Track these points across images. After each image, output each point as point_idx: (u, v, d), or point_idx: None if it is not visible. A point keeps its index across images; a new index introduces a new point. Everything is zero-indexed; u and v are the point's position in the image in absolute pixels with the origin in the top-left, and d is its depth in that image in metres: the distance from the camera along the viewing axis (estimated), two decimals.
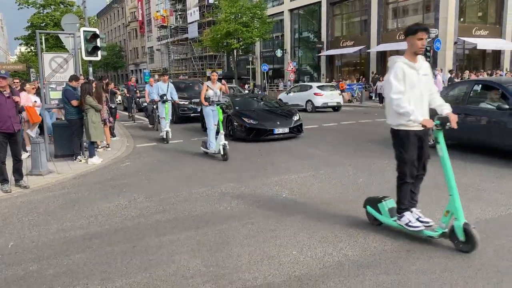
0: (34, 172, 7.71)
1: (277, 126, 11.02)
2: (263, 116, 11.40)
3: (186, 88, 18.46)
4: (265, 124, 10.98)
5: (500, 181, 6.22)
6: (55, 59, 9.31)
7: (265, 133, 10.89)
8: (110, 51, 61.83)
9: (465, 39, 26.43)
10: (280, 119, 11.44)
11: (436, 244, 4.02)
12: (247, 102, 13.03)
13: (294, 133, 11.27)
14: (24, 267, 3.88)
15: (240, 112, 11.50)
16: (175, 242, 4.33)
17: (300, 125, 11.44)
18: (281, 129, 10.98)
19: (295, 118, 11.46)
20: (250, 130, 10.86)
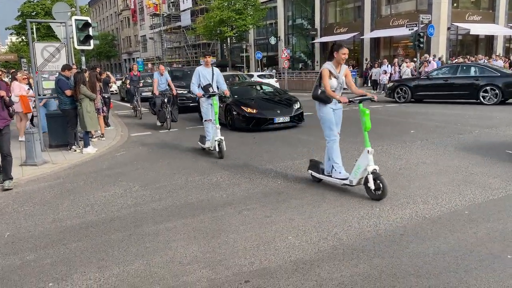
0: (28, 162, 7.69)
1: (278, 115, 10.69)
2: (262, 105, 11.07)
3: (184, 76, 17.78)
4: (265, 113, 10.65)
5: (492, 165, 6.29)
6: (47, 49, 9.21)
7: (265, 123, 10.59)
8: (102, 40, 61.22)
9: (458, 24, 26.45)
10: (280, 107, 11.08)
11: (428, 228, 4.08)
12: (246, 90, 12.60)
13: (295, 122, 10.96)
14: (21, 256, 3.90)
15: (239, 101, 11.11)
16: (171, 229, 4.37)
17: (301, 113, 11.12)
18: (282, 118, 10.67)
19: (296, 106, 11.12)
20: (250, 120, 10.56)
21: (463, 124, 10.25)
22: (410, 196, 5.06)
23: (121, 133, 11.55)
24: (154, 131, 11.73)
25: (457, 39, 28.08)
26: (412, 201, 4.88)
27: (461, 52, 27.17)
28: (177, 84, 15.44)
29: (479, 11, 28.02)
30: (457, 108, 13.92)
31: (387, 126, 10.54)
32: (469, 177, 5.71)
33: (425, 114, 12.64)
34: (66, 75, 8.62)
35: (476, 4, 28.61)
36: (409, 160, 6.85)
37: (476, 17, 27.45)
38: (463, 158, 6.83)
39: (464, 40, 28.86)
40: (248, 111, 10.61)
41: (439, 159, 6.82)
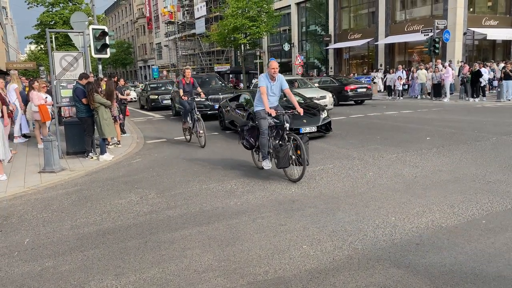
0: (47, 169, 7.84)
1: (304, 124, 9.77)
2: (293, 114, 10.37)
3: (203, 84, 17.00)
4: (294, 124, 9.48)
5: (510, 174, 6.19)
6: (65, 58, 9.41)
7: None
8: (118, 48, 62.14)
9: (474, 29, 26.14)
10: (306, 116, 9.92)
11: (444, 237, 4.04)
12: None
13: (323, 132, 10.17)
14: (40, 263, 3.98)
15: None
16: (186, 237, 4.40)
17: (328, 122, 10.32)
18: (308, 128, 9.81)
19: (323, 115, 10.31)
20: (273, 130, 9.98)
21: (480, 130, 10.11)
22: (426, 204, 5.01)
23: (137, 140, 11.69)
24: (170, 138, 11.84)
25: (473, 44, 27.74)
26: (428, 209, 4.83)
27: (478, 58, 26.83)
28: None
29: (495, 15, 27.66)
30: (474, 114, 13.74)
31: (403, 133, 10.45)
32: (486, 186, 5.63)
33: (442, 120, 12.51)
34: (83, 83, 8.78)
35: (493, 9, 28.25)
36: (425, 168, 6.79)
37: (493, 22, 27.10)
38: (480, 165, 6.74)
39: (481, 45, 28.50)
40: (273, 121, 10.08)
41: (456, 167, 6.74)
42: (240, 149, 8.94)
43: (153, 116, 19.40)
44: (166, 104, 21.35)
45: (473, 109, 15.33)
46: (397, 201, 5.19)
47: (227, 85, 18.41)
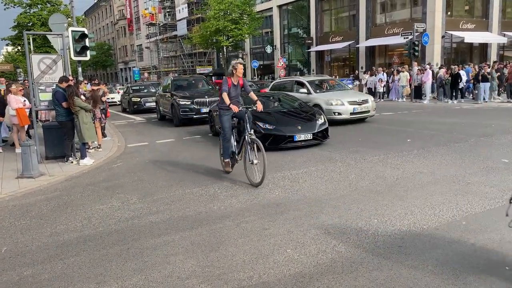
0: (25, 174, 7.66)
1: (298, 131, 9.20)
2: (281, 120, 9.55)
3: (189, 86, 16.85)
4: (283, 130, 9.15)
5: (488, 175, 6.32)
6: (43, 61, 9.23)
7: (284, 140, 9.07)
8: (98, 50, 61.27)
9: (452, 32, 26.69)
10: (301, 122, 9.54)
11: (426, 239, 4.09)
12: (263, 102, 11.02)
13: (319, 139, 9.44)
14: (18, 272, 3.88)
15: (254, 115, 8.84)
16: (169, 243, 4.36)
17: (325, 129, 9.65)
18: (303, 135, 9.16)
19: (320, 122, 9.63)
20: (266, 137, 8.93)
21: (459, 132, 10.30)
22: (407, 206, 5.07)
23: (118, 143, 11.54)
24: (151, 142, 11.72)
25: (451, 47, 28.32)
26: (410, 211, 4.89)
27: (456, 60, 27.39)
28: (181, 94, 15.05)
29: (472, 19, 28.30)
30: (453, 116, 14.00)
31: (384, 135, 10.58)
32: (466, 187, 5.74)
33: (422, 122, 12.71)
34: (63, 87, 8.62)
35: (470, 13, 28.91)
36: (406, 170, 6.88)
37: (470, 25, 27.71)
38: (459, 167, 6.87)
39: (459, 48, 29.10)
40: (264, 127, 9.19)
41: (436, 169, 6.85)
42: None
43: (134, 119, 19.19)
44: (149, 107, 21.08)
45: (451, 111, 15.63)
46: (379, 204, 5.24)
47: (214, 87, 18.03)
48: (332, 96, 13.15)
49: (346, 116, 12.63)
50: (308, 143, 9.22)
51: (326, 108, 12.57)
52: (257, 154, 6.38)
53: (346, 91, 14.36)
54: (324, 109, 12.50)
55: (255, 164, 6.38)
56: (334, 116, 12.55)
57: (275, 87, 15.87)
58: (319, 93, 13.77)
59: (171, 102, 15.19)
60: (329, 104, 12.71)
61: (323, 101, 12.87)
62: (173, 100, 15.06)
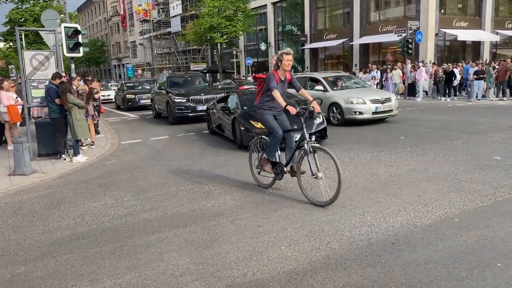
0: (17, 172, 7.60)
1: (294, 131, 8.54)
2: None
3: (185, 83, 16.36)
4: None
5: (481, 172, 6.36)
6: (36, 57, 9.14)
7: None
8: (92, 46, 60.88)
9: (445, 30, 26.81)
10: (297, 120, 8.57)
11: (419, 236, 4.12)
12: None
13: (317, 139, 8.77)
14: (10, 270, 3.85)
15: (248, 113, 9.07)
16: (163, 240, 4.34)
17: (323, 129, 9.23)
18: (299, 135, 8.26)
19: (318, 121, 9.13)
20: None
21: (452, 130, 10.36)
22: (401, 203, 5.09)
23: (112, 140, 11.48)
24: (145, 139, 11.68)
25: (444, 45, 28.45)
26: (403, 208, 4.92)
27: (449, 58, 27.53)
28: (176, 91, 14.55)
29: (466, 17, 28.44)
30: (446, 113, 14.08)
31: (378, 132, 10.61)
32: (458, 184, 5.78)
33: (415, 120, 12.77)
34: (56, 83, 8.56)
35: (463, 11, 29.04)
36: (399, 167, 6.91)
37: (463, 23, 27.85)
38: (452, 164, 6.91)
39: (452, 46, 29.24)
40: (257, 126, 8.47)
41: (429, 166, 6.88)
42: (218, 150, 8.91)
43: (128, 116, 19.10)
44: (143, 104, 20.84)
45: (445, 109, 15.71)
46: (373, 200, 5.26)
47: (211, 85, 17.47)
48: (353, 94, 12.14)
49: (368, 116, 11.72)
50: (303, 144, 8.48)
51: (346, 107, 11.78)
52: (319, 166, 5.26)
53: (366, 89, 13.36)
54: (344, 108, 11.79)
55: (320, 178, 5.19)
56: (355, 115, 11.73)
57: None
58: (336, 90, 12.72)
59: (166, 100, 14.81)
60: (349, 102, 11.77)
61: (343, 100, 11.92)
62: (168, 98, 14.66)
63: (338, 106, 11.98)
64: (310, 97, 6.12)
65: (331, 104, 12.13)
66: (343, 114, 11.87)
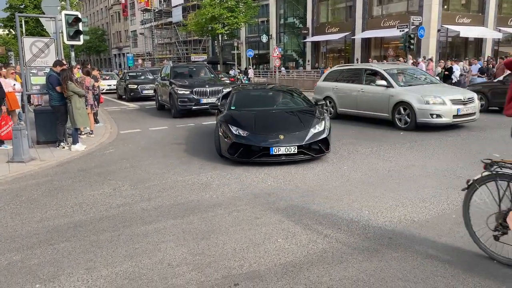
0: (16, 159, 7.59)
1: (277, 142, 6.84)
2: (262, 123, 7.28)
3: (190, 74, 15.63)
4: (258, 138, 6.91)
5: (479, 169, 6.33)
6: (35, 44, 9.08)
7: (257, 153, 6.86)
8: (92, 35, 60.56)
9: (448, 26, 26.70)
10: (286, 128, 7.16)
11: (416, 231, 4.12)
12: (252, 97, 9.02)
13: (310, 154, 6.99)
14: (7, 256, 3.85)
15: (231, 116, 7.62)
16: (160, 230, 4.35)
17: (323, 140, 7.11)
18: (284, 148, 6.77)
19: (315, 130, 7.11)
20: (236, 146, 6.98)
21: (451, 126, 10.33)
22: (399, 199, 5.10)
23: (110, 130, 11.46)
24: (144, 129, 11.65)
25: (447, 41, 28.36)
26: (401, 204, 4.92)
27: (451, 54, 27.44)
28: (179, 83, 13.88)
29: (469, 14, 28.33)
30: None
31: (377, 127, 10.59)
32: (456, 181, 5.77)
33: None
34: (57, 71, 8.50)
35: (466, 7, 28.92)
36: (398, 162, 6.90)
37: (466, 20, 27.74)
38: (451, 161, 6.90)
39: (454, 42, 29.17)
40: (236, 133, 7.03)
41: (428, 162, 6.88)
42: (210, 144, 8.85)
43: (127, 105, 19.05)
44: (146, 94, 20.28)
45: None
46: (370, 195, 5.26)
47: (217, 76, 16.53)
48: (427, 92, 9.98)
49: (447, 120, 9.53)
50: (291, 158, 6.89)
51: (419, 108, 9.58)
52: None
53: (440, 85, 11.32)
54: (416, 109, 9.61)
55: None
56: (430, 119, 9.53)
57: (332, 76, 12.62)
58: (404, 86, 10.45)
59: (169, 91, 14.11)
60: (425, 102, 9.56)
61: (415, 99, 9.72)
62: (171, 89, 13.95)
63: (407, 107, 9.82)
64: None
65: (398, 104, 10.06)
66: (415, 116, 9.63)
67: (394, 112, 10.22)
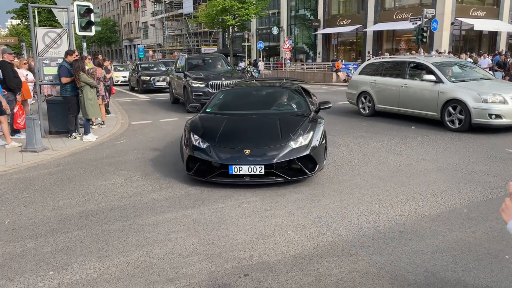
0: (29, 148, 7.69)
1: (240, 158, 5.31)
2: (231, 132, 5.83)
3: (205, 66, 14.85)
4: (217, 152, 5.41)
5: (492, 164, 6.30)
6: (48, 34, 9.15)
7: (214, 171, 5.41)
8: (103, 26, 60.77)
9: (462, 19, 26.30)
10: (260, 140, 5.58)
11: (427, 226, 4.10)
12: (238, 97, 7.54)
13: (283, 176, 5.29)
14: (21, 244, 3.92)
15: (200, 121, 6.36)
16: (171, 220, 4.38)
17: (305, 158, 5.43)
18: (248, 167, 5.21)
19: (296, 144, 5.46)
20: (193, 161, 5.60)
21: None
22: (409, 193, 5.07)
23: (122, 121, 11.54)
24: (155, 120, 11.71)
25: (460, 34, 27.95)
26: (412, 198, 4.90)
27: (464, 48, 27.07)
28: (194, 75, 13.25)
29: (483, 6, 27.85)
30: None
31: (389, 121, 10.51)
32: (468, 175, 5.73)
33: None
34: (69, 61, 8.55)
35: (481, 0, 28.42)
36: (409, 156, 6.86)
37: (480, 13, 27.29)
38: (463, 155, 6.84)
39: (468, 36, 28.73)
40: (195, 144, 5.65)
41: (440, 156, 6.83)
42: None
43: (138, 97, 19.14)
44: (158, 86, 20.08)
45: None
46: (381, 189, 5.24)
47: (234, 69, 15.74)
48: (485, 89, 8.83)
49: (509, 121, 8.41)
50: (258, 180, 5.31)
51: (475, 107, 8.47)
52: None
53: (497, 82, 10.26)
54: (472, 108, 8.50)
55: None
56: (489, 120, 8.42)
57: (370, 69, 11.63)
58: (456, 82, 9.34)
59: (184, 84, 13.44)
60: (482, 101, 8.43)
61: (470, 96, 8.60)
62: (185, 82, 13.30)
63: (460, 105, 8.74)
64: None
65: (448, 102, 8.99)
66: (470, 116, 8.54)
67: (444, 111, 9.10)
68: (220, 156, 5.39)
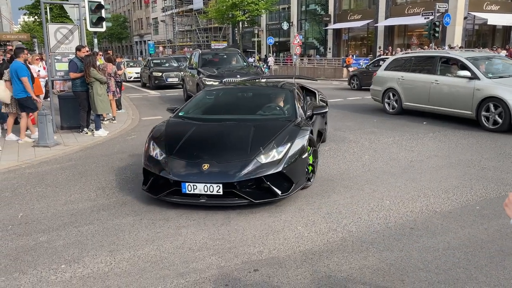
0: (41, 143, 7.77)
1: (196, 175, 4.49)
2: (194, 142, 5.02)
3: (220, 62, 14.06)
4: (171, 166, 4.62)
5: (505, 160, 6.21)
6: (60, 30, 9.22)
7: (167, 188, 4.59)
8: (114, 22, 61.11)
9: (475, 13, 25.91)
10: (223, 152, 4.77)
11: (438, 222, 4.07)
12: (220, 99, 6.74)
13: (247, 198, 4.40)
14: (34, 237, 3.97)
15: (166, 127, 5.59)
16: (182, 215, 4.40)
17: (277, 175, 4.51)
18: (203, 185, 4.38)
19: (267, 158, 4.58)
20: (147, 175, 4.90)
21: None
22: (420, 189, 5.03)
23: (132, 116, 11.60)
24: (165, 116, 11.73)
25: (473, 29, 27.55)
26: (423, 194, 4.85)
27: (477, 43, 26.69)
28: (209, 72, 12.63)
29: (497, 0, 27.39)
30: None
31: (400, 117, 10.41)
32: (481, 172, 5.66)
33: None
34: (80, 56, 8.61)
35: None
36: (421, 152, 6.80)
37: (494, 7, 26.85)
38: (475, 152, 6.76)
39: (481, 30, 28.31)
40: (151, 154, 4.96)
41: (452, 152, 6.75)
42: None
43: (148, 92, 19.23)
44: (170, 82, 19.89)
45: None
46: (392, 185, 5.20)
47: (251, 65, 14.97)
48: None
49: None
50: (216, 202, 4.48)
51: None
52: None
53: None
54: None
55: None
56: None
57: (397, 65, 11.00)
58: (494, 78, 8.59)
59: (197, 82, 12.85)
60: None
61: (511, 93, 7.98)
62: (198, 79, 12.70)
63: (499, 103, 8.08)
64: None
65: (485, 99, 8.34)
66: (510, 115, 7.89)
67: (480, 110, 8.46)
68: (173, 171, 4.57)
